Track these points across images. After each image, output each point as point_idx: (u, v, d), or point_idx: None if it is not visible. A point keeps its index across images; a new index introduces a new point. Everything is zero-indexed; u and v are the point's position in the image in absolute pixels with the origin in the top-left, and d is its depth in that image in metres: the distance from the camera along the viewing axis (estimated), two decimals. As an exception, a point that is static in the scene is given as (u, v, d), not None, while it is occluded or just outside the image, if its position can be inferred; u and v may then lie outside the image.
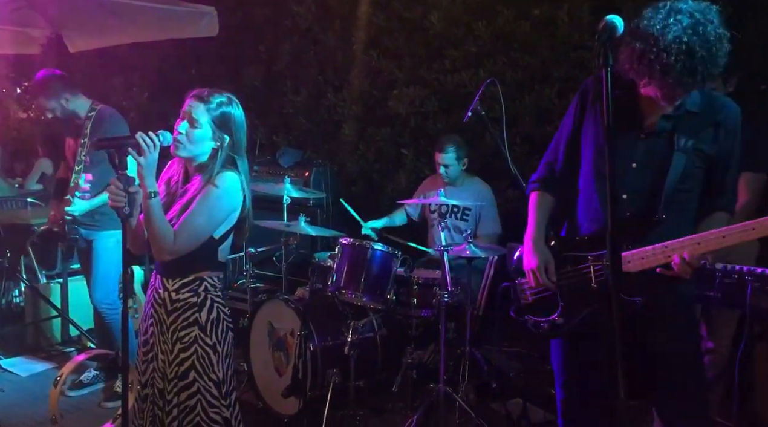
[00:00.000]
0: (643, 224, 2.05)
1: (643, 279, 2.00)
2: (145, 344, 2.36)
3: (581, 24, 4.36)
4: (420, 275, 3.76)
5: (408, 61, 5.07)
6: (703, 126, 2.05)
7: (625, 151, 2.09)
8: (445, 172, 4.22)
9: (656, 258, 1.98)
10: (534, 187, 2.40)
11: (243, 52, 6.00)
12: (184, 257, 2.23)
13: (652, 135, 2.08)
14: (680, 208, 2.06)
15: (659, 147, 2.07)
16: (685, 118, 2.06)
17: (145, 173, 2.15)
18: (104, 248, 3.91)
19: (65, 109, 3.83)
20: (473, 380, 3.75)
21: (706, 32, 1.85)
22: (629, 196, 2.09)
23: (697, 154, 2.05)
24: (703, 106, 2.07)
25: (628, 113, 2.08)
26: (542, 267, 2.21)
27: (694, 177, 2.06)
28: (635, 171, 2.09)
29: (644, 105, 2.10)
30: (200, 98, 2.26)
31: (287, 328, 3.66)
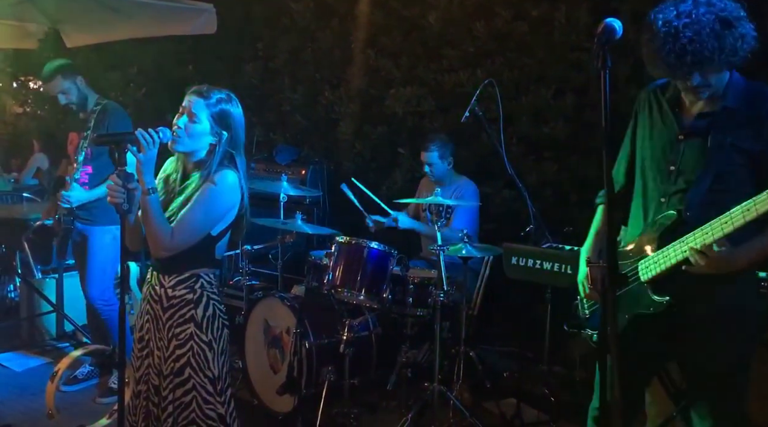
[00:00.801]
0: (673, 225, 2.02)
1: (674, 281, 1.99)
2: (141, 341, 2.36)
3: (578, 25, 4.38)
4: (416, 274, 3.77)
5: (405, 61, 5.08)
6: (744, 122, 1.97)
7: (664, 154, 2.08)
8: (430, 171, 4.23)
9: (676, 253, 1.96)
10: (599, 201, 2.38)
11: (241, 49, 6.00)
12: (180, 254, 2.24)
13: (690, 135, 2.05)
14: (719, 208, 1.89)
15: (695, 148, 2.03)
16: (723, 114, 2.00)
17: (144, 169, 2.15)
18: (99, 244, 3.91)
19: (80, 91, 3.88)
20: (467, 380, 3.76)
21: (698, 14, 1.84)
22: (666, 200, 2.07)
23: (736, 152, 1.97)
24: (745, 100, 1.99)
25: (670, 117, 2.09)
26: (588, 278, 2.22)
27: (733, 176, 1.98)
28: (674, 174, 2.06)
29: (684, 105, 2.09)
30: (200, 94, 2.27)
31: (283, 325, 3.67)
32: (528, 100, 4.57)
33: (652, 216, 2.12)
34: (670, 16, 1.86)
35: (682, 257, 1.94)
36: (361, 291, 3.55)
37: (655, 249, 2.04)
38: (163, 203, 2.27)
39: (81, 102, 3.90)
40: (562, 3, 4.45)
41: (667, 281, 2.01)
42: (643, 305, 2.07)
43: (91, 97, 3.92)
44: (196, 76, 5.74)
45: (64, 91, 3.86)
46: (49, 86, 3.90)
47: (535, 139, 4.58)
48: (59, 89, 3.86)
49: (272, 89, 5.81)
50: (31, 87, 7.90)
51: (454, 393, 3.56)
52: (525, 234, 3.68)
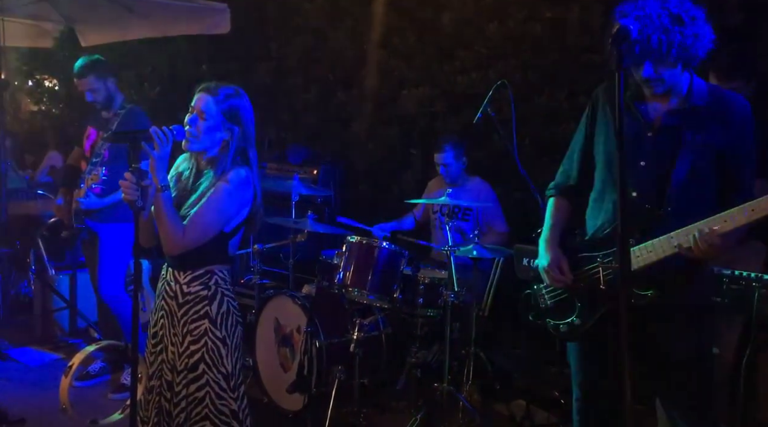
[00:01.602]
0: (649, 219, 2.08)
1: (654, 273, 2.04)
2: (155, 336, 2.38)
3: (592, 27, 4.36)
4: (426, 274, 3.77)
5: (418, 61, 5.08)
6: (711, 120, 2.06)
7: (633, 149, 2.11)
8: (446, 172, 4.23)
9: (663, 249, 2.02)
10: (551, 193, 2.46)
11: (254, 49, 6.02)
12: (195, 250, 2.26)
13: (659, 131, 2.11)
14: (691, 203, 2.06)
15: (666, 143, 2.09)
16: (692, 112, 2.08)
17: (158, 166, 2.17)
18: (111, 241, 3.93)
19: (109, 91, 3.90)
20: (477, 381, 3.76)
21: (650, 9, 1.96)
22: (638, 193, 2.11)
23: (706, 149, 2.06)
24: (710, 100, 2.09)
25: (636, 113, 2.14)
26: (554, 266, 2.25)
27: (704, 172, 2.07)
28: (644, 168, 2.11)
29: (652, 103, 2.14)
30: (209, 91, 2.29)
31: (293, 324, 3.68)
32: (541, 102, 4.56)
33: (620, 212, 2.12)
34: (627, 10, 1.99)
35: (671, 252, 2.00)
36: (371, 291, 3.55)
37: (636, 242, 2.07)
38: (176, 201, 2.29)
39: (107, 102, 3.92)
40: (575, 4, 4.43)
41: (649, 274, 2.06)
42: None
43: (117, 99, 3.94)
44: (209, 76, 5.76)
45: (93, 90, 3.88)
46: (79, 82, 3.90)
47: (547, 140, 4.56)
48: (89, 87, 3.87)
49: (285, 89, 5.83)
50: (47, 85, 7.98)
51: (464, 394, 3.57)
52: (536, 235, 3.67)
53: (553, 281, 2.28)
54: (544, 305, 2.37)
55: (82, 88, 3.91)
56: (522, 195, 4.53)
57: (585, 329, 2.24)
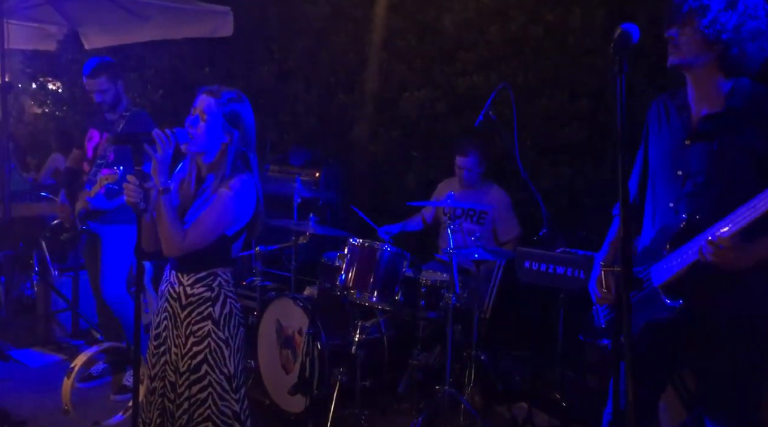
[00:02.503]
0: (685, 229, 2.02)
1: (687, 285, 1.98)
2: (158, 338, 2.39)
3: (593, 30, 4.37)
4: (428, 276, 3.78)
5: (420, 64, 5.09)
6: (749, 122, 1.97)
7: (673, 159, 2.08)
8: (468, 175, 4.21)
9: (686, 257, 1.95)
10: (615, 213, 2.38)
11: (256, 52, 6.04)
12: (198, 253, 2.27)
13: (696, 139, 2.05)
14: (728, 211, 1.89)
15: (702, 151, 2.03)
16: (727, 115, 2.00)
17: (160, 169, 2.18)
18: (113, 242, 3.94)
19: (118, 94, 3.91)
20: (479, 383, 3.76)
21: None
22: (674, 205, 2.07)
23: (743, 153, 1.96)
24: (750, 101, 1.99)
25: (676, 122, 2.10)
26: (596, 284, 2.22)
27: (740, 178, 1.97)
28: (681, 178, 2.06)
29: (691, 111, 2.08)
30: (210, 93, 2.30)
31: (295, 326, 3.69)
32: (542, 104, 4.57)
33: (662, 221, 2.12)
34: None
35: (694, 258, 1.92)
36: (373, 293, 3.56)
37: (666, 254, 2.04)
38: (180, 207, 2.31)
39: (114, 104, 3.93)
40: (576, 7, 4.44)
41: (680, 285, 2.00)
42: (656, 310, 2.06)
43: (123, 102, 3.95)
44: (212, 78, 5.79)
45: (103, 91, 3.87)
46: (91, 82, 3.89)
47: (549, 143, 4.57)
48: (99, 88, 3.87)
49: (287, 91, 5.84)
50: (50, 88, 8.01)
51: (465, 397, 3.57)
52: (538, 238, 3.68)
53: (598, 300, 2.24)
54: (598, 325, 2.32)
55: (91, 89, 3.90)
56: (523, 197, 4.54)
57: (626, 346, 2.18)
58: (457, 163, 4.23)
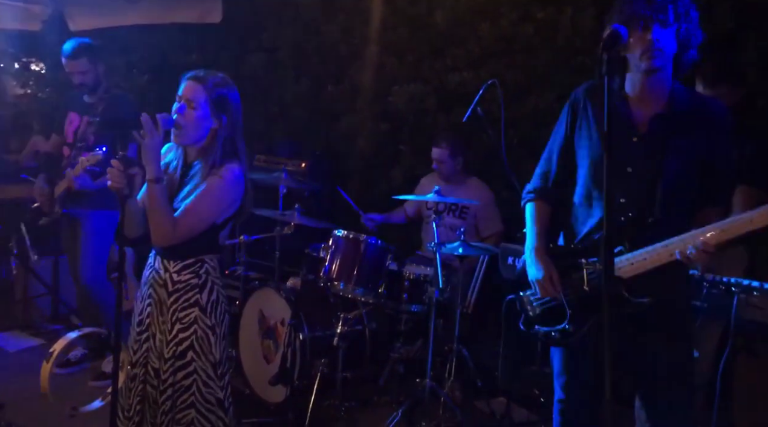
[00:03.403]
0: (639, 227, 2.08)
1: (648, 281, 2.04)
2: (140, 324, 2.37)
3: (583, 30, 4.39)
4: (411, 270, 3.79)
5: (410, 58, 5.08)
6: (695, 125, 2.07)
7: (619, 154, 2.10)
8: (440, 168, 4.25)
9: (659, 257, 2.01)
10: (530, 197, 2.42)
11: (245, 40, 5.99)
12: (186, 240, 2.25)
13: (645, 136, 2.10)
14: (680, 209, 2.08)
15: (652, 149, 2.08)
16: (675, 117, 2.07)
17: (150, 158, 2.16)
18: (94, 228, 3.91)
19: (98, 76, 3.86)
20: (459, 378, 3.78)
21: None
22: (627, 200, 2.10)
23: (691, 155, 2.06)
24: (692, 105, 2.09)
25: (621, 117, 2.12)
26: (547, 277, 2.21)
27: (688, 179, 2.07)
28: (631, 175, 2.10)
29: (635, 108, 2.13)
30: (197, 79, 2.28)
31: (278, 316, 3.68)
32: (531, 103, 4.58)
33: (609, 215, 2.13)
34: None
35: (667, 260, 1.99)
36: (356, 285, 3.57)
37: (628, 249, 2.07)
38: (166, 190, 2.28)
39: (94, 86, 3.88)
40: (568, 7, 4.45)
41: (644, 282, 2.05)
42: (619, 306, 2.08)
43: (103, 84, 3.91)
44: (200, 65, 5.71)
45: (83, 72, 3.83)
46: (71, 63, 3.84)
47: (536, 141, 4.57)
48: (79, 69, 3.82)
49: (275, 81, 5.80)
50: (33, 68, 7.88)
51: (445, 390, 3.59)
52: (522, 234, 3.69)
53: (544, 293, 2.23)
54: (533, 313, 2.32)
55: (71, 70, 3.86)
56: (509, 194, 4.56)
57: (579, 336, 2.20)
58: (432, 155, 4.25)
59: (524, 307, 2.36)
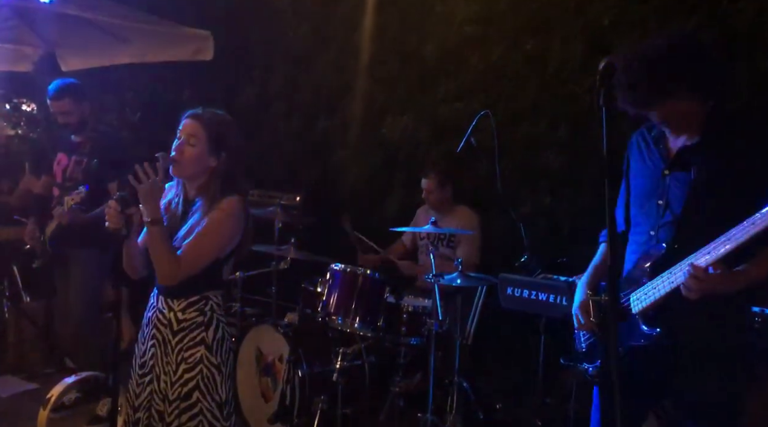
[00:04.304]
0: (664, 257, 2.06)
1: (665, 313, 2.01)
2: (143, 367, 2.32)
3: (573, 59, 4.44)
4: (410, 303, 3.76)
5: (401, 90, 5.13)
6: (723, 153, 2.03)
7: (653, 189, 2.13)
8: (427, 198, 4.27)
9: (663, 286, 1.99)
10: (602, 240, 2.44)
11: (237, 75, 6.04)
12: (190, 277, 2.23)
13: (674, 169, 2.11)
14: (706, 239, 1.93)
15: (680, 181, 2.09)
16: (702, 146, 2.05)
17: (150, 199, 2.14)
18: (86, 266, 3.87)
19: (83, 115, 3.85)
20: (460, 411, 3.73)
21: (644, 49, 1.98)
22: (656, 233, 2.11)
23: (718, 183, 2.01)
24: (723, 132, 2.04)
25: (656, 152, 2.16)
26: (582, 308, 2.23)
27: (716, 206, 2.01)
28: (661, 207, 2.12)
29: (670, 140, 2.16)
30: (196, 117, 2.29)
31: (275, 353, 3.64)
32: (523, 131, 4.62)
33: (643, 249, 2.15)
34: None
35: (670, 287, 1.96)
36: (355, 319, 3.53)
37: (646, 281, 2.06)
38: (167, 230, 2.26)
39: (79, 126, 3.89)
40: (556, 37, 4.52)
41: (659, 313, 2.03)
42: (635, 337, 2.08)
43: (89, 123, 3.91)
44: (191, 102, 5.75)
45: (67, 113, 3.83)
46: (55, 104, 3.85)
47: (529, 169, 4.61)
48: (64, 109, 3.83)
49: (268, 115, 5.83)
50: (24, 109, 7.89)
51: (447, 424, 3.54)
52: (519, 264, 3.70)
53: (580, 326, 2.25)
54: (579, 349, 2.34)
55: (56, 110, 3.87)
56: (504, 223, 4.56)
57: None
58: (421, 185, 4.28)
59: (577, 343, 2.37)
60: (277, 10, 5.71)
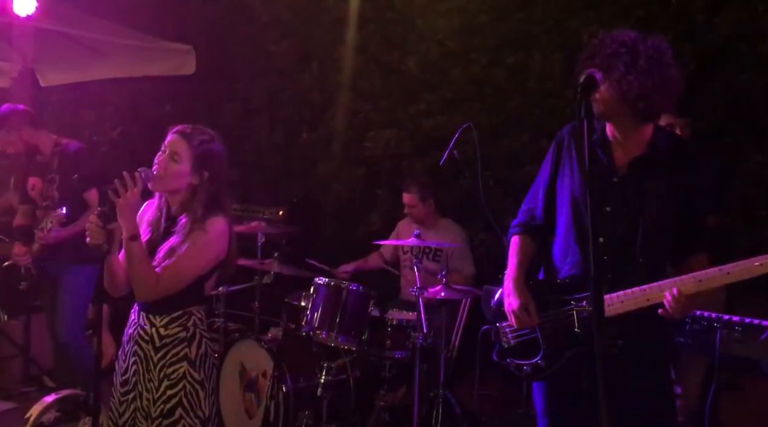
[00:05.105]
0: (618, 268, 2.09)
1: (623, 322, 2.04)
2: (125, 384, 2.28)
3: (553, 73, 4.51)
4: (394, 316, 3.75)
5: (384, 104, 5.15)
6: (674, 169, 2.10)
7: (599, 195, 2.13)
8: (410, 212, 4.28)
9: (636, 301, 2.03)
10: (515, 231, 2.44)
11: (219, 90, 6.02)
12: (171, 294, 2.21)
13: (625, 178, 2.14)
14: (659, 252, 2.12)
15: (632, 189, 2.12)
16: (655, 160, 2.11)
17: (125, 215, 2.11)
18: (72, 283, 3.82)
19: (27, 142, 3.77)
20: (446, 423, 3.72)
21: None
22: (605, 240, 2.12)
23: (670, 197, 2.09)
24: (674, 149, 2.13)
25: (602, 159, 2.16)
26: (523, 308, 2.23)
27: (669, 220, 2.10)
28: (610, 215, 2.13)
29: (616, 149, 2.17)
30: (183, 134, 2.26)
31: (259, 369, 3.61)
32: (505, 144, 4.66)
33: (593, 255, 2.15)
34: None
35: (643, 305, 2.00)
36: (339, 333, 3.51)
37: (606, 291, 2.06)
38: (148, 246, 2.24)
39: (32, 150, 3.81)
40: (536, 51, 4.59)
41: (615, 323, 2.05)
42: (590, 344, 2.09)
43: (45, 140, 3.82)
44: (172, 116, 5.73)
45: (10, 143, 3.75)
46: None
47: (511, 181, 4.65)
48: (5, 141, 3.74)
49: (250, 130, 5.82)
50: (3, 124, 7.80)
51: (433, 438, 3.52)
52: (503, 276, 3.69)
53: (520, 324, 2.25)
54: (507, 344, 2.33)
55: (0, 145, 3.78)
56: (487, 236, 4.59)
57: (551, 372, 2.21)
58: (402, 199, 4.29)
59: (499, 338, 2.36)
60: (260, 25, 5.72)
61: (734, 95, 3.95)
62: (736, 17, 4.06)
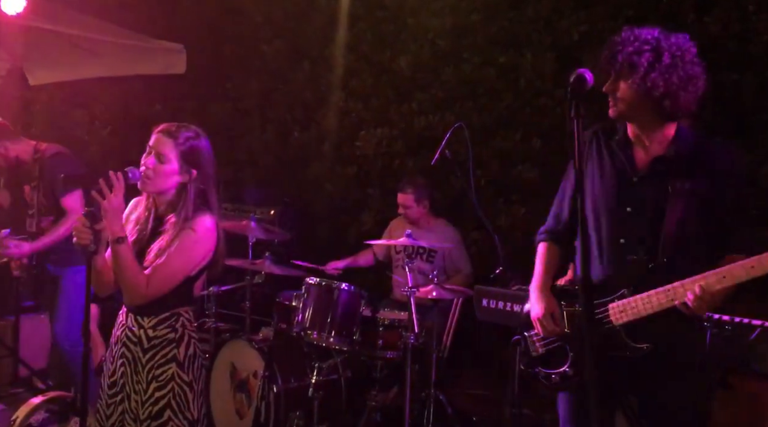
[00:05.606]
0: (643, 270, 2.05)
1: (651, 324, 2.01)
2: (113, 386, 2.27)
3: (544, 73, 4.51)
4: (386, 316, 3.74)
5: (376, 103, 5.15)
6: (697, 171, 2.04)
7: (618, 194, 2.11)
8: (405, 213, 4.27)
9: (659, 303, 1.98)
10: (542, 238, 2.42)
11: (210, 89, 5.99)
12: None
13: (645, 178, 2.10)
14: (683, 253, 2.02)
15: (653, 190, 2.08)
16: (679, 160, 2.06)
17: (111, 217, 2.09)
18: (72, 284, 3.80)
19: (7, 156, 3.74)
20: (437, 424, 3.71)
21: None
22: (626, 241, 2.10)
23: (694, 199, 2.03)
24: (697, 149, 2.07)
25: (622, 158, 2.14)
26: (548, 315, 2.21)
27: (694, 222, 2.03)
28: (630, 215, 2.10)
29: (637, 149, 2.14)
30: (168, 133, 2.24)
31: (250, 369, 3.59)
32: (496, 144, 4.66)
33: (615, 257, 2.13)
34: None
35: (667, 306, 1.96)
36: (331, 333, 3.50)
37: (631, 293, 2.05)
38: (136, 246, 2.22)
39: (11, 161, 3.76)
40: (527, 51, 4.59)
41: (644, 327, 2.03)
42: (617, 348, 2.08)
43: (26, 149, 3.78)
44: (164, 115, 5.70)
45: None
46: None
47: (503, 181, 4.65)
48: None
49: (242, 129, 5.80)
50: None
51: (425, 438, 3.52)
52: (494, 276, 3.70)
53: (546, 331, 2.22)
54: (536, 353, 2.30)
55: None
56: (479, 235, 4.59)
57: (579, 379, 2.17)
58: (397, 200, 4.28)
59: (528, 347, 2.33)
60: (251, 24, 5.70)
61: (723, 95, 3.96)
62: (726, 17, 4.07)
